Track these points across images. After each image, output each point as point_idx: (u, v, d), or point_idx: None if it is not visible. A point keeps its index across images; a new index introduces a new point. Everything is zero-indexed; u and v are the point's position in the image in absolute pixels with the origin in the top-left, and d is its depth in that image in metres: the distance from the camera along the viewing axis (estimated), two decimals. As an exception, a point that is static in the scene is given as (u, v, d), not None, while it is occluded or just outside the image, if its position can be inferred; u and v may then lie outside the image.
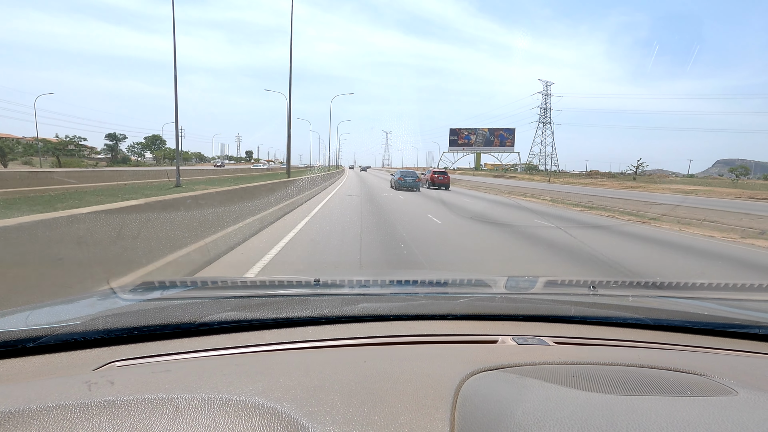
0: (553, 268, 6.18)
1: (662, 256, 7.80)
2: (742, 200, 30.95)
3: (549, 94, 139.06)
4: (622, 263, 6.62)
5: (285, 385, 0.76)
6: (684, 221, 13.15)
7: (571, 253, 7.54)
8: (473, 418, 0.68)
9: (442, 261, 6.25)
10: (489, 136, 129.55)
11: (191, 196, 5.80)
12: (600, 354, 1.08)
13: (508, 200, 21.91)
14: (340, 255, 6.32)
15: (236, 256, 6.12)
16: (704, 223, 12.49)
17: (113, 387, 0.73)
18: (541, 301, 1.57)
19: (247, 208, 8.02)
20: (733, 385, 0.81)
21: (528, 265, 6.35)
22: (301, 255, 6.36)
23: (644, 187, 50.69)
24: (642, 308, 1.47)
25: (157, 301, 1.43)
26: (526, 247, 7.94)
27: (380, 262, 6.02)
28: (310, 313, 1.26)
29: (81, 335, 1.07)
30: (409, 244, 7.40)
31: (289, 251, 6.54)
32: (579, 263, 6.66)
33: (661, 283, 2.34)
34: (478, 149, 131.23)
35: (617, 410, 0.67)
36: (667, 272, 6.31)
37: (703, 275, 6.26)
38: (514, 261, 6.68)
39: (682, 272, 6.47)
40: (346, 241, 7.55)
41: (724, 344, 1.24)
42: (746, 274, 6.55)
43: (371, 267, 5.73)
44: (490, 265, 6.29)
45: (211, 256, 5.64)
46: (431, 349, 1.12)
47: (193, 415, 0.66)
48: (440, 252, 6.93)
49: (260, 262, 5.81)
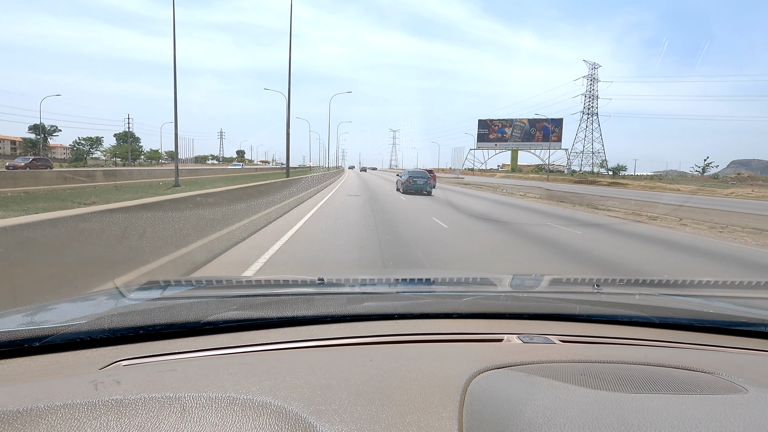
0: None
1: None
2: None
3: (595, 78, 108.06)
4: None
5: (292, 383, 0.76)
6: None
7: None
8: (482, 416, 0.67)
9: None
10: (529, 128, 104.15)
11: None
12: (606, 352, 1.07)
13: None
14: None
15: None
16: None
17: (120, 386, 0.72)
18: (547, 300, 1.56)
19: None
20: (742, 383, 0.80)
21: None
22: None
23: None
24: (648, 306, 1.46)
25: (163, 300, 1.43)
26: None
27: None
28: (315, 312, 1.26)
29: (87, 334, 1.07)
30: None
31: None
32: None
33: (666, 281, 2.33)
34: (514, 145, 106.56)
35: (627, 408, 0.67)
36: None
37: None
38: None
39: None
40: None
41: (732, 342, 1.24)
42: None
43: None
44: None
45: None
46: (437, 347, 1.12)
47: (200, 414, 0.65)
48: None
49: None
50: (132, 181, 28.37)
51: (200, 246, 5.79)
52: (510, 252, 7.91)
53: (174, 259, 5.01)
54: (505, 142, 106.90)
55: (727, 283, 2.33)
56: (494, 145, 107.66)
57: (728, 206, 18.78)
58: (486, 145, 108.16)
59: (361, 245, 7.57)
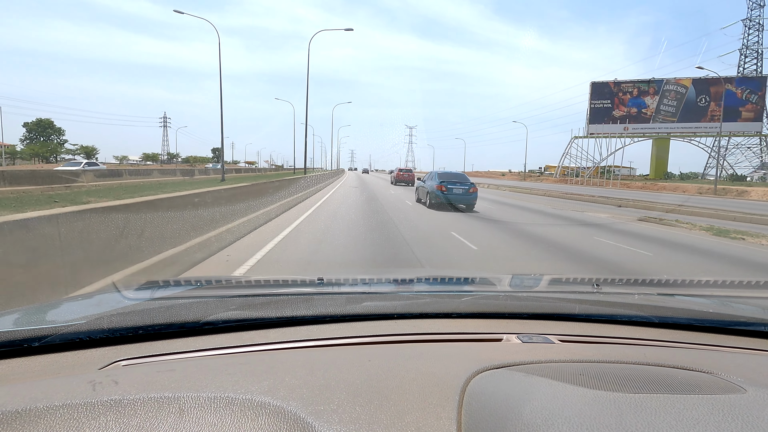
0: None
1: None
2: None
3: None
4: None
5: (290, 384, 0.76)
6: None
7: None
8: (480, 416, 0.67)
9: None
10: (694, 95, 55.56)
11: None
12: (605, 352, 1.07)
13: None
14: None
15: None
16: None
17: (118, 386, 0.72)
18: (546, 299, 1.56)
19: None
20: (741, 383, 0.80)
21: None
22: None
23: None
24: (647, 306, 1.46)
25: (162, 300, 1.43)
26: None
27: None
28: (315, 311, 1.26)
29: (86, 334, 1.07)
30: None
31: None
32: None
33: (666, 281, 2.33)
34: (665, 127, 57.71)
35: (626, 408, 0.67)
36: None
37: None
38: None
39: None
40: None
41: (731, 342, 1.24)
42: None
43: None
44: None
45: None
46: (436, 347, 1.11)
47: (199, 414, 0.65)
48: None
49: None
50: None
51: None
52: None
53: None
54: (644, 120, 58.14)
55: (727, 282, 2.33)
56: (623, 128, 58.13)
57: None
58: (604, 130, 59.14)
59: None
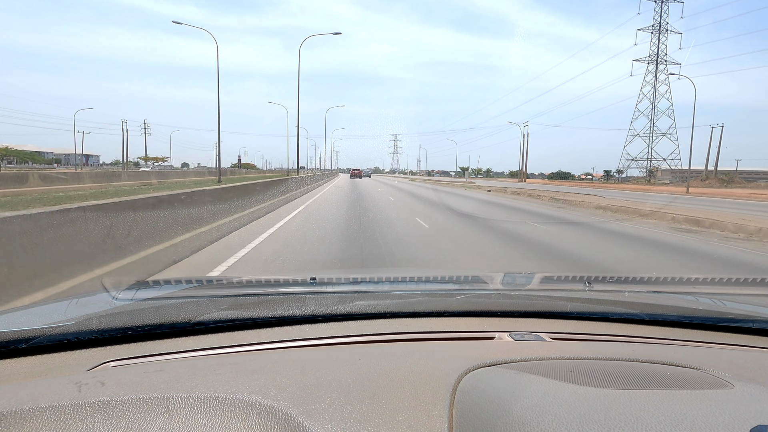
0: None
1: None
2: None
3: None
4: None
5: (282, 383, 0.75)
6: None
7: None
8: (471, 413, 0.68)
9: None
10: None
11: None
12: (596, 349, 1.08)
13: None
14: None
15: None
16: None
17: (106, 387, 0.72)
18: (538, 298, 1.57)
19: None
20: (729, 378, 0.81)
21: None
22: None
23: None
24: (637, 303, 1.47)
25: (152, 300, 1.42)
26: None
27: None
28: (307, 311, 1.26)
29: (74, 335, 1.06)
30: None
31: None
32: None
33: (656, 279, 2.35)
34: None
35: (614, 404, 0.67)
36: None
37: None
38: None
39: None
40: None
41: (719, 338, 1.25)
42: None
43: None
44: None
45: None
46: (428, 345, 1.12)
47: (188, 415, 0.65)
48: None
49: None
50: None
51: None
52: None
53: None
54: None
55: (716, 280, 2.36)
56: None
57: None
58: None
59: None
